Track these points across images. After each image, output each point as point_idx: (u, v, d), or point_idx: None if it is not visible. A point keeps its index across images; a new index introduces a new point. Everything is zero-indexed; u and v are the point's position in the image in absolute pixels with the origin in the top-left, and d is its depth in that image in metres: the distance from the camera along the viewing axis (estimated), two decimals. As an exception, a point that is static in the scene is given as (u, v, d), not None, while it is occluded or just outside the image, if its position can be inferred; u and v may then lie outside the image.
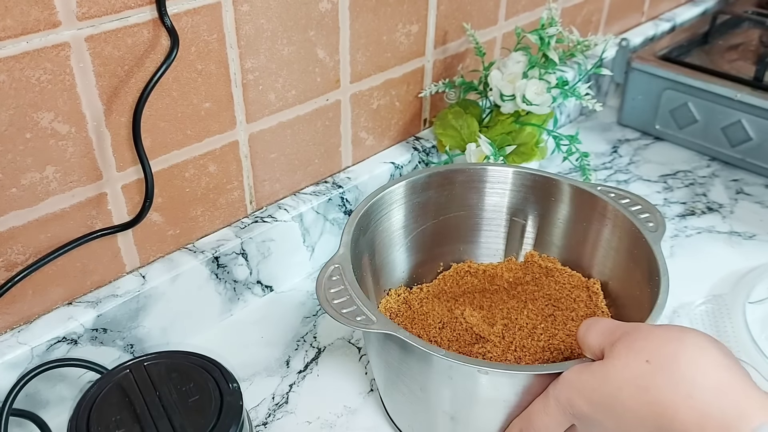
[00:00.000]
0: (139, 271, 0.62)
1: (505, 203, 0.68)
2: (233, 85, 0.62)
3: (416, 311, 0.62)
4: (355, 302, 0.50)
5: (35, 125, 0.51)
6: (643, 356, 0.42)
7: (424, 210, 0.66)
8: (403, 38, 0.75)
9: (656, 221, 0.61)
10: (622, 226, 0.61)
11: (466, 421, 0.51)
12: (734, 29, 1.10)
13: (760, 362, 0.64)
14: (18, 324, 0.57)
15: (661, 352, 0.42)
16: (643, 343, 0.43)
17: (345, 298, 0.51)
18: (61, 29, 0.50)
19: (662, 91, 0.97)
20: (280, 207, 0.71)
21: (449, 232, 0.68)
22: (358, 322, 0.49)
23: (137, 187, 0.59)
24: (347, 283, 0.52)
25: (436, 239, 0.68)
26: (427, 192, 0.65)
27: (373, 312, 0.50)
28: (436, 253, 0.69)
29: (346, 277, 0.52)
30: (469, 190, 0.67)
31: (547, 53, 0.75)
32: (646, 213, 0.62)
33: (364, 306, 0.50)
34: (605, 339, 0.46)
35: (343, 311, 0.50)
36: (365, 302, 0.50)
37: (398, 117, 0.81)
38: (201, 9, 0.57)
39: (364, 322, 0.49)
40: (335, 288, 0.52)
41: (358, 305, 0.50)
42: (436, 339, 0.59)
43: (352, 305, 0.50)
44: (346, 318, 0.49)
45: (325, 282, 0.52)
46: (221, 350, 0.64)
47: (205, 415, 0.46)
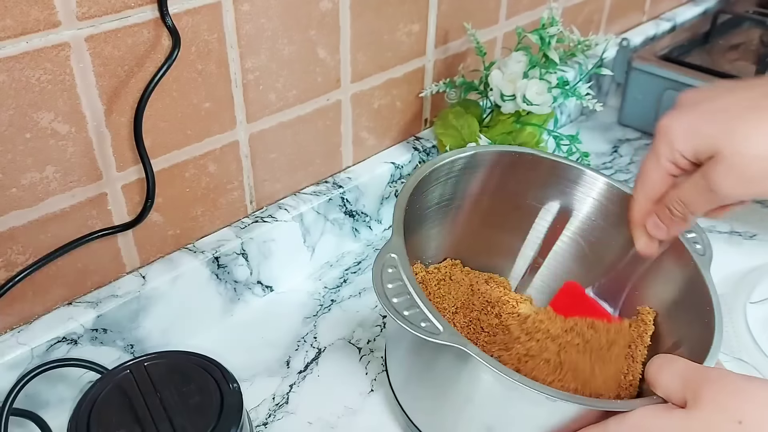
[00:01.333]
0: (139, 272, 0.62)
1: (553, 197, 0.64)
2: (233, 85, 0.62)
3: (433, 293, 0.61)
4: (418, 304, 0.45)
5: (35, 125, 0.51)
6: (736, 416, 0.39)
7: (464, 188, 0.62)
8: (404, 38, 0.75)
9: (703, 243, 0.56)
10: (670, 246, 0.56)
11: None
12: (735, 29, 1.10)
13: (760, 362, 0.64)
14: (18, 324, 0.57)
15: (757, 414, 0.39)
16: (736, 401, 0.40)
17: (404, 297, 0.45)
18: (61, 29, 0.50)
19: (663, 90, 0.97)
20: (280, 207, 0.71)
21: (487, 217, 0.65)
22: (422, 329, 0.44)
23: (137, 187, 0.59)
24: (406, 279, 0.46)
25: (473, 220, 0.64)
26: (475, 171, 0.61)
27: (437, 318, 0.45)
28: (466, 233, 0.65)
29: (404, 271, 0.47)
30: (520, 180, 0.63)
31: (547, 53, 0.75)
32: (691, 233, 0.57)
33: (428, 310, 0.45)
34: (684, 384, 0.42)
35: (405, 313, 0.45)
36: (428, 305, 0.45)
37: (399, 117, 0.81)
38: (201, 9, 0.57)
39: (429, 330, 0.44)
40: (393, 283, 0.46)
41: (421, 308, 0.45)
42: (451, 323, 0.59)
43: (414, 307, 0.45)
44: (410, 323, 0.44)
45: (382, 274, 0.46)
46: (221, 350, 0.63)
47: (206, 416, 0.46)
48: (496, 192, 0.64)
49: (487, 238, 0.66)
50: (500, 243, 0.67)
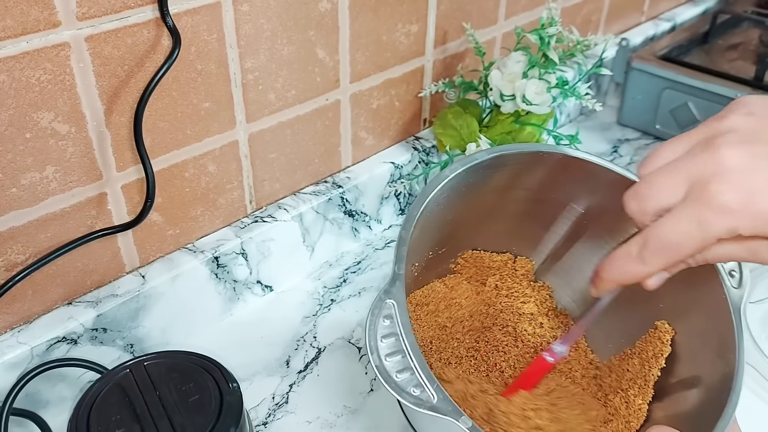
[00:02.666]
0: (139, 271, 0.62)
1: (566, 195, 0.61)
2: (233, 85, 0.62)
3: (440, 312, 0.61)
4: (413, 367, 0.41)
5: (35, 125, 0.51)
6: None
7: (475, 193, 0.59)
8: (402, 38, 0.75)
9: (740, 273, 0.51)
10: (699, 270, 0.49)
11: None
12: (734, 29, 1.10)
13: (760, 362, 0.64)
14: (18, 324, 0.57)
15: None
16: None
17: (399, 356, 0.42)
18: (61, 29, 0.50)
19: (662, 90, 0.97)
20: (280, 207, 0.71)
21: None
22: (414, 397, 0.41)
23: (137, 187, 0.59)
24: (403, 335, 0.43)
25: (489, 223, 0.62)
26: (483, 174, 0.58)
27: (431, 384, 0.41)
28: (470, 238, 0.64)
29: (400, 323, 0.43)
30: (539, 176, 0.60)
31: (547, 53, 0.75)
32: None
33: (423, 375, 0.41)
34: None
35: (398, 378, 0.41)
36: (424, 367, 0.42)
37: (398, 117, 0.81)
38: (201, 9, 0.57)
39: (421, 398, 0.41)
40: (388, 338, 0.43)
41: (416, 373, 0.41)
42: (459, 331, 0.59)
43: (408, 370, 0.42)
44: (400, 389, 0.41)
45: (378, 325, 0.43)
46: (221, 350, 0.64)
47: (205, 415, 0.46)
48: (521, 187, 0.61)
49: (511, 225, 0.64)
50: (524, 229, 0.65)
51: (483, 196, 0.60)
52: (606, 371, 0.60)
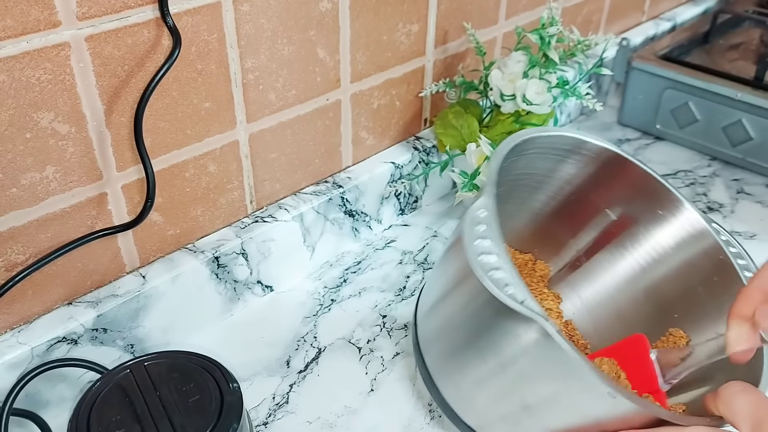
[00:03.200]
0: (139, 271, 0.62)
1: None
2: (233, 85, 0.62)
3: None
4: (506, 268, 0.42)
5: (35, 125, 0.51)
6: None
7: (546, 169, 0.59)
8: (403, 38, 0.75)
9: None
10: (729, 291, 0.50)
11: (541, 416, 0.47)
12: (735, 29, 1.10)
13: (760, 362, 0.64)
14: (18, 324, 0.57)
15: None
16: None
17: (494, 258, 0.43)
18: (61, 29, 0.50)
19: (663, 90, 0.97)
20: (280, 207, 0.71)
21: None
22: (507, 295, 0.41)
23: (137, 187, 0.59)
24: (495, 238, 0.43)
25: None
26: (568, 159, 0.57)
27: (521, 287, 0.42)
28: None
29: (493, 230, 0.44)
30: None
31: (547, 53, 0.75)
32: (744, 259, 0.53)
33: (515, 276, 0.42)
34: (756, 415, 0.42)
35: (492, 275, 0.42)
36: (515, 272, 0.42)
37: (398, 117, 0.81)
38: (201, 9, 0.57)
39: (513, 296, 0.42)
40: (483, 241, 0.43)
41: (508, 273, 0.42)
42: None
43: (500, 270, 0.42)
44: (496, 284, 0.42)
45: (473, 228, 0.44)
46: (221, 350, 0.64)
47: (206, 415, 0.46)
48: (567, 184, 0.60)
49: (540, 223, 0.63)
50: (551, 230, 0.64)
51: (525, 180, 0.59)
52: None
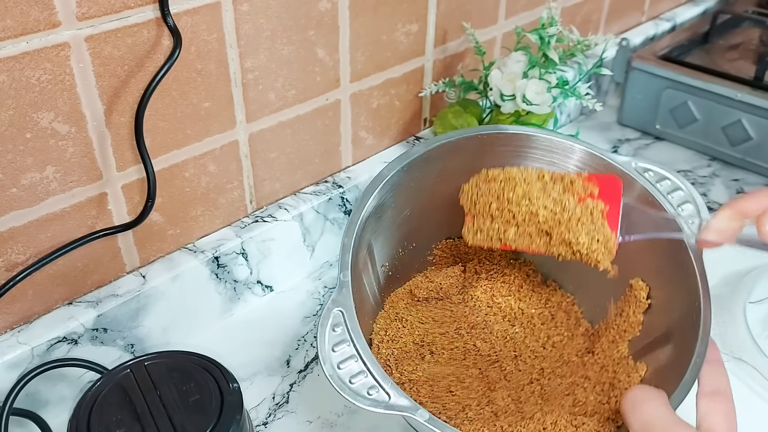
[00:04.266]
0: (139, 271, 0.62)
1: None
2: (233, 85, 0.62)
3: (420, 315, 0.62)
4: (367, 369, 0.43)
5: (35, 125, 0.51)
6: None
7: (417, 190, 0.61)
8: (402, 38, 0.75)
9: (699, 218, 0.52)
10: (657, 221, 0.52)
11: None
12: (734, 29, 1.10)
13: (760, 362, 0.64)
14: (18, 324, 0.57)
15: None
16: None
17: (353, 361, 0.44)
18: (61, 29, 0.50)
19: (662, 90, 0.97)
20: (280, 206, 0.71)
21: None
22: (370, 400, 0.43)
23: (137, 187, 0.59)
24: (353, 339, 0.45)
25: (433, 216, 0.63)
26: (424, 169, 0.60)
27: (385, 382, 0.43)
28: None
29: (350, 328, 0.45)
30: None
31: (547, 53, 0.75)
32: (686, 203, 0.54)
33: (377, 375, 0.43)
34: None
35: (352, 382, 0.43)
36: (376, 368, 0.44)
37: (398, 116, 0.81)
38: (201, 9, 0.57)
39: (376, 399, 0.43)
40: (340, 345, 0.45)
41: (371, 374, 0.43)
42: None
43: (362, 374, 0.44)
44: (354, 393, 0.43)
45: (327, 335, 0.45)
46: (221, 350, 0.64)
47: (206, 415, 0.46)
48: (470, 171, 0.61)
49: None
50: None
51: (437, 186, 0.61)
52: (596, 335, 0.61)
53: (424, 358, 0.59)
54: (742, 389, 0.62)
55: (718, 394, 0.45)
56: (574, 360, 0.59)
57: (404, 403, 0.43)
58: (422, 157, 0.59)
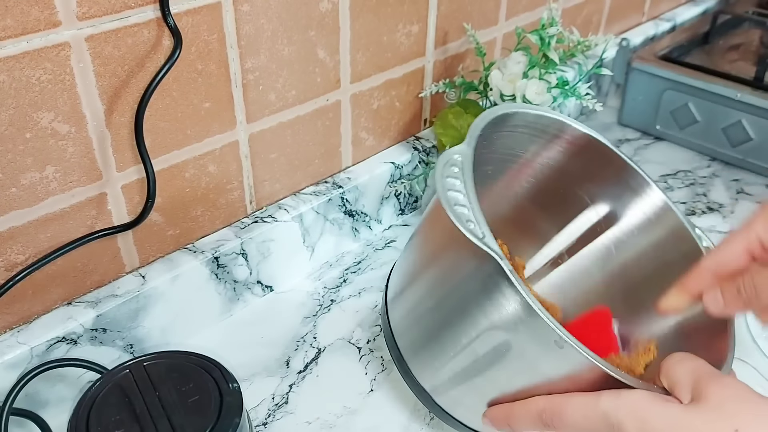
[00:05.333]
0: (139, 271, 0.62)
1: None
2: (233, 85, 0.62)
3: None
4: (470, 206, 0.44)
5: (35, 125, 0.51)
6: (735, 423, 0.39)
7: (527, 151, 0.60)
8: (403, 38, 0.75)
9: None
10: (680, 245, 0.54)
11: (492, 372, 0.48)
12: (735, 29, 1.10)
13: (760, 362, 0.64)
14: (18, 324, 0.57)
15: (755, 427, 0.39)
16: (739, 409, 0.40)
17: (461, 195, 0.45)
18: (61, 29, 0.50)
19: (663, 91, 0.97)
20: (280, 207, 0.71)
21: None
22: (469, 229, 0.43)
23: (137, 187, 0.59)
24: (465, 179, 0.46)
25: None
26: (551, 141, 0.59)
27: (483, 226, 0.44)
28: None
29: (465, 174, 0.47)
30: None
31: (547, 53, 0.75)
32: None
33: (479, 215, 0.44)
34: (695, 380, 0.42)
35: (456, 208, 0.44)
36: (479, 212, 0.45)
37: (398, 117, 0.81)
38: (201, 9, 0.57)
39: (473, 232, 0.43)
40: (454, 179, 0.46)
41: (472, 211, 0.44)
42: None
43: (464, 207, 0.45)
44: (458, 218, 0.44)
45: (444, 169, 0.47)
46: (221, 350, 0.64)
47: (205, 415, 0.46)
48: (553, 170, 0.61)
49: (524, 213, 0.63)
50: (535, 224, 0.64)
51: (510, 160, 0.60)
52: None
53: None
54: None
55: None
56: None
57: (494, 246, 0.43)
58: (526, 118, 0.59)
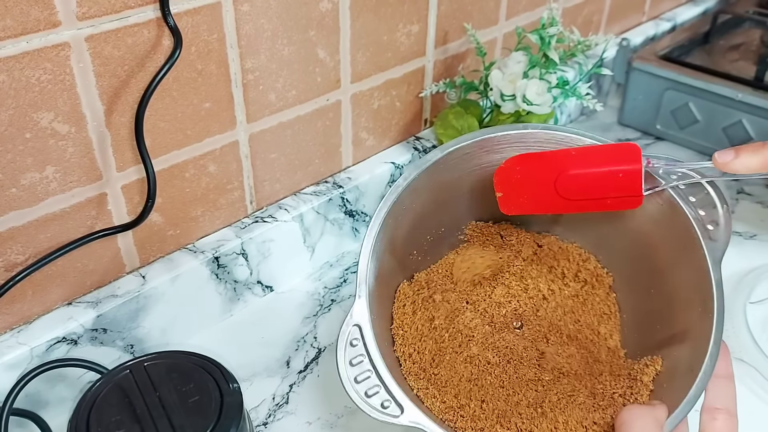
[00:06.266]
0: (139, 272, 0.62)
1: None
2: (233, 85, 0.62)
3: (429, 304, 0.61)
4: (382, 380, 0.46)
5: (35, 125, 0.51)
6: None
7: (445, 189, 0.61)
8: (403, 38, 0.75)
9: (719, 223, 0.51)
10: (673, 220, 0.53)
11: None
12: (735, 29, 1.10)
13: (760, 362, 0.64)
14: (18, 324, 0.57)
15: None
16: None
17: (368, 376, 0.47)
18: (61, 29, 0.50)
19: (663, 91, 0.97)
20: (280, 207, 0.71)
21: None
22: (384, 411, 0.45)
23: (137, 187, 0.59)
24: (370, 352, 0.47)
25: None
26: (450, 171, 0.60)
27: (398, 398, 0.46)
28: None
29: (367, 343, 0.48)
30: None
31: (547, 53, 0.75)
32: (707, 206, 0.52)
33: (390, 388, 0.46)
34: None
35: (369, 395, 0.46)
36: (390, 382, 0.46)
37: (399, 117, 0.81)
38: (201, 9, 0.57)
39: (389, 413, 0.45)
40: (357, 359, 0.47)
41: (385, 387, 0.46)
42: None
43: (376, 387, 0.46)
44: (370, 406, 0.46)
45: (346, 350, 0.47)
46: (221, 350, 0.64)
47: (206, 416, 0.46)
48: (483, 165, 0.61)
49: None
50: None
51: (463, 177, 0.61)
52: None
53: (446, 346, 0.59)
54: (742, 390, 0.62)
55: (719, 411, 0.46)
56: (602, 356, 0.59)
57: (416, 416, 0.45)
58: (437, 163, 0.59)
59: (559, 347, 0.58)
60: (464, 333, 0.58)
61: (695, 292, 0.53)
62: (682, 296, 0.55)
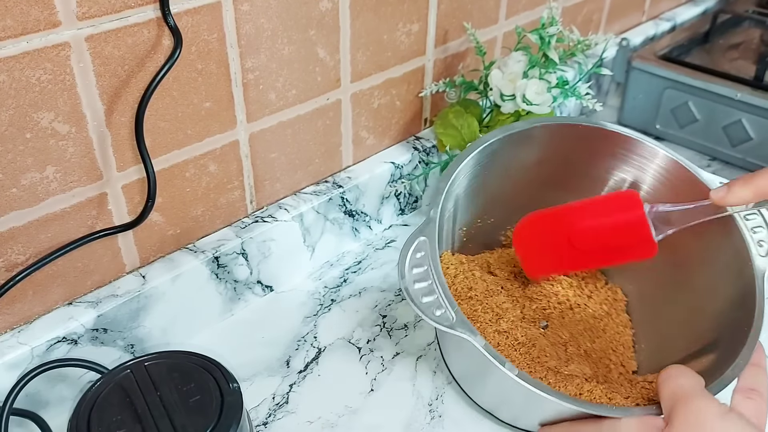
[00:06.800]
0: (140, 271, 0.62)
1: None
2: (233, 85, 0.62)
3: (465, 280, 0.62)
4: (438, 291, 0.47)
5: (35, 125, 0.51)
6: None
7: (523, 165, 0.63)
8: (403, 37, 0.75)
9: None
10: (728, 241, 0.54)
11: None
12: (735, 29, 1.10)
13: (760, 362, 0.64)
14: (18, 324, 0.57)
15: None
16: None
17: (427, 283, 0.48)
18: (61, 29, 0.50)
19: (663, 90, 0.97)
20: (280, 207, 0.71)
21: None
22: (436, 317, 0.47)
23: (138, 187, 0.59)
24: (432, 266, 0.48)
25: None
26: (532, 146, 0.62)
27: (451, 306, 0.47)
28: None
29: (431, 257, 0.49)
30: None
31: (547, 53, 0.75)
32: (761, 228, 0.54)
33: (444, 298, 0.47)
34: (672, 402, 0.45)
35: (424, 300, 0.47)
36: (446, 292, 0.47)
37: (399, 116, 0.81)
38: (201, 8, 0.57)
39: (442, 318, 0.47)
40: (419, 268, 0.48)
41: (439, 295, 0.47)
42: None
43: (432, 294, 0.47)
44: (424, 309, 0.47)
45: (409, 258, 0.49)
46: (222, 350, 0.64)
47: (206, 415, 0.46)
48: (558, 160, 0.64)
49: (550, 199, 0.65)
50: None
51: (527, 168, 0.63)
52: None
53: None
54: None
55: (753, 391, 0.47)
56: (614, 376, 0.60)
57: (465, 326, 0.46)
58: (524, 133, 0.60)
59: (576, 357, 0.59)
60: (496, 311, 0.59)
61: (729, 300, 0.54)
62: (713, 309, 0.56)
